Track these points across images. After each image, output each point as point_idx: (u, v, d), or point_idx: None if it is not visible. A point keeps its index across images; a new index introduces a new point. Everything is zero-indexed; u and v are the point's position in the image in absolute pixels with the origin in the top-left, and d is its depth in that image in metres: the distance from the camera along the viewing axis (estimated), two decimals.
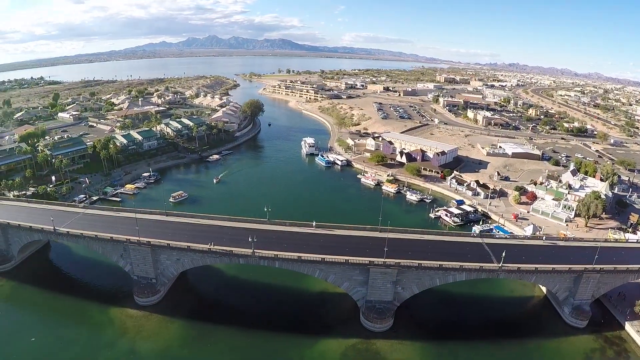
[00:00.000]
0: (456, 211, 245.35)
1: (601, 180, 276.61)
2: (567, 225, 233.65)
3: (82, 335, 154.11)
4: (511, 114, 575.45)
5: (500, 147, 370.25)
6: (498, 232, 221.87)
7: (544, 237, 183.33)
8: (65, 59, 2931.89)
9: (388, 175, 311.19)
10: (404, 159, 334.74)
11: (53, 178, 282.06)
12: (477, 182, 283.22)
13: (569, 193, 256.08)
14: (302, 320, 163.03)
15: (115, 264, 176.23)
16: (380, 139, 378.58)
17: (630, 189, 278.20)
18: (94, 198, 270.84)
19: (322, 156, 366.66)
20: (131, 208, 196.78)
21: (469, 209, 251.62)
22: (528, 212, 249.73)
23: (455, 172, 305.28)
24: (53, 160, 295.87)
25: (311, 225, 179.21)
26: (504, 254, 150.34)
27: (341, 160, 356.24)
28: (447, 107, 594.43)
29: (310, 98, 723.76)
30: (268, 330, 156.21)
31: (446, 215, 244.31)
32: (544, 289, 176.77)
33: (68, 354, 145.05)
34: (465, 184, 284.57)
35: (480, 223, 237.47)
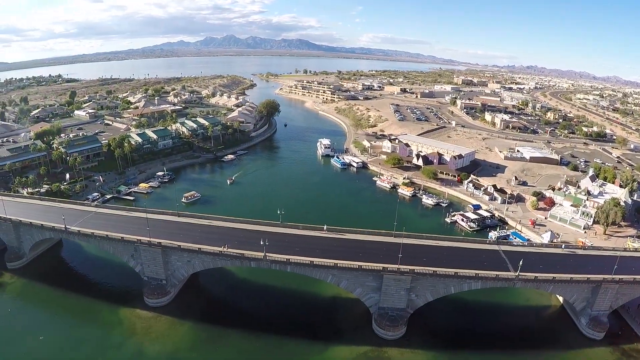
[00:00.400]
0: (472, 216, 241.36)
1: (620, 186, 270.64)
2: (585, 232, 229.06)
3: (91, 334, 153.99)
4: (529, 117, 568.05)
5: (518, 151, 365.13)
6: (515, 238, 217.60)
7: (562, 246, 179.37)
8: (83, 57, 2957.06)
9: (404, 178, 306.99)
10: (420, 162, 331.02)
11: (67, 176, 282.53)
12: (494, 186, 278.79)
13: (587, 199, 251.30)
14: (313, 325, 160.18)
15: (126, 264, 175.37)
16: (396, 141, 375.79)
17: None
18: (108, 196, 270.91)
19: (338, 158, 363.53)
20: (143, 208, 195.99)
21: (485, 214, 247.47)
22: (546, 218, 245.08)
23: (472, 175, 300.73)
24: (67, 157, 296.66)
25: (330, 229, 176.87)
26: (521, 263, 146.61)
27: (357, 162, 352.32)
28: (465, 110, 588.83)
29: (326, 99, 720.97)
30: (278, 335, 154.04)
31: (462, 220, 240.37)
32: (560, 298, 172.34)
33: (76, 353, 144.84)
34: (482, 188, 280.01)
35: (497, 229, 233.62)
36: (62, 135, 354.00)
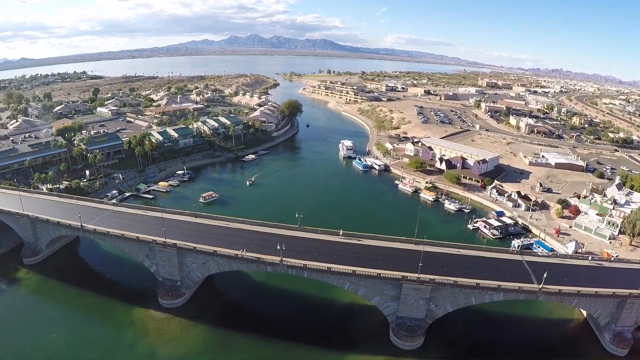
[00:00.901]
0: (495, 223, 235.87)
1: None
2: (610, 242, 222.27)
3: (103, 334, 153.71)
4: (554, 122, 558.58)
5: (543, 156, 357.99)
6: (538, 247, 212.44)
7: (589, 257, 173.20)
8: (108, 55, 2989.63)
9: (426, 183, 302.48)
10: (443, 166, 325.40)
11: (87, 172, 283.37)
12: (518, 193, 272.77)
13: (613, 208, 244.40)
14: (328, 332, 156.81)
15: (142, 263, 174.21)
16: (419, 144, 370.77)
17: None
18: (127, 194, 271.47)
19: (360, 160, 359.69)
20: (160, 208, 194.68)
21: (508, 221, 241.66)
22: (570, 227, 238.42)
23: (496, 181, 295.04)
24: (88, 154, 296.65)
25: (346, 234, 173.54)
26: (545, 275, 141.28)
27: (379, 165, 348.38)
28: (489, 113, 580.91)
29: (349, 99, 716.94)
30: (292, 341, 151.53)
31: (485, 227, 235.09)
32: (584, 312, 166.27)
33: (87, 352, 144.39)
34: (506, 195, 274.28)
35: (520, 237, 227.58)
36: (83, 131, 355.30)
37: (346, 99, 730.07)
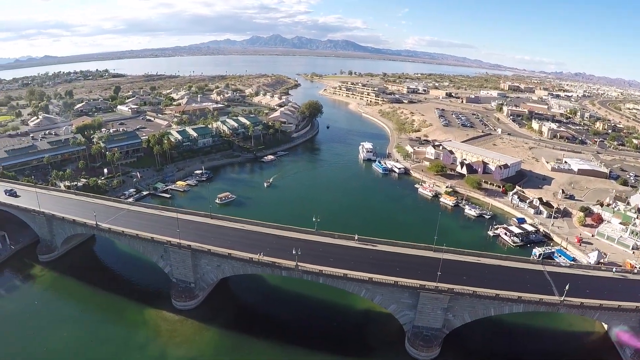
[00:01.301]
0: (516, 230, 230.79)
1: None
2: (634, 253, 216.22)
3: (115, 333, 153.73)
4: (577, 127, 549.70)
5: (565, 162, 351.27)
6: (560, 256, 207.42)
7: (614, 269, 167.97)
8: (131, 53, 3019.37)
9: (447, 187, 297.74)
10: (464, 170, 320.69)
11: (105, 170, 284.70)
12: (540, 199, 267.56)
13: (637, 217, 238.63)
14: (343, 339, 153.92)
15: (157, 264, 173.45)
16: (440, 147, 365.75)
17: None
18: (144, 193, 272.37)
19: (380, 162, 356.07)
20: (175, 208, 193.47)
21: (530, 228, 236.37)
22: (592, 235, 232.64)
23: (517, 187, 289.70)
24: (106, 152, 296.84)
25: (361, 239, 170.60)
26: (567, 288, 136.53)
27: (399, 168, 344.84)
28: (511, 117, 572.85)
29: (370, 101, 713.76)
30: (306, 347, 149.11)
31: (505, 234, 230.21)
32: (605, 325, 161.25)
33: (98, 352, 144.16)
34: (527, 201, 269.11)
35: (542, 245, 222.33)
36: (102, 129, 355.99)
37: (367, 100, 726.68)
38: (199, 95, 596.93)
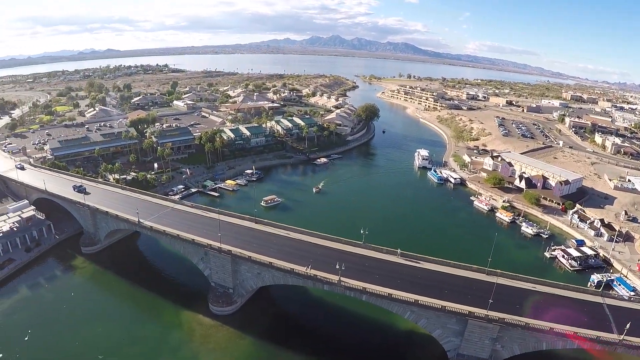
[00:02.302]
0: (575, 253, 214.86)
1: None
2: None
3: (149, 332, 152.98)
4: None
5: (629, 180, 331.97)
6: (619, 284, 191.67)
7: None
8: (191, 49, 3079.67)
9: (504, 201, 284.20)
10: (522, 184, 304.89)
11: (155, 165, 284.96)
12: (601, 220, 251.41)
13: None
14: (383, 358, 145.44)
15: (196, 266, 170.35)
16: (499, 158, 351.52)
17: None
18: (192, 190, 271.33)
19: (435, 171, 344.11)
20: (219, 210, 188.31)
21: (589, 252, 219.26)
22: None
23: (577, 205, 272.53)
24: (158, 147, 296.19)
25: (404, 255, 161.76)
26: (628, 326, 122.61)
27: (455, 178, 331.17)
28: (573, 129, 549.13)
29: (429, 106, 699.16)
30: None
31: (563, 256, 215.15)
32: None
33: (130, 350, 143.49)
34: (587, 221, 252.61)
35: (601, 271, 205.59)
36: (156, 124, 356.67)
37: (425, 105, 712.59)
38: (255, 94, 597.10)
